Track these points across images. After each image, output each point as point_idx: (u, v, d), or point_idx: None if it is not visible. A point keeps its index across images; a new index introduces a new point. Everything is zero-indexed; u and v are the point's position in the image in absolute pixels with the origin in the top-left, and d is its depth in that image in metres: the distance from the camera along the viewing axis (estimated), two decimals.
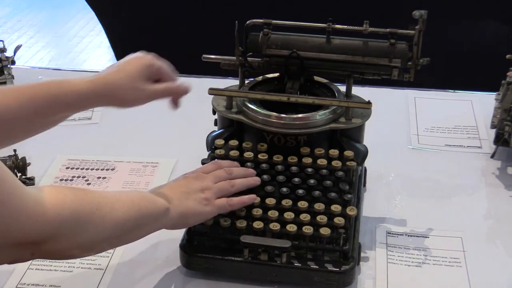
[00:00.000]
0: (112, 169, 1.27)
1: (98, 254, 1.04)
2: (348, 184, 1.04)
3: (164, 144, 1.36)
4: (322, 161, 1.05)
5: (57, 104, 0.92)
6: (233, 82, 1.17)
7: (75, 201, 0.79)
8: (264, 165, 1.05)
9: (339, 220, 0.98)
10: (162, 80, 1.01)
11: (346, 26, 1.11)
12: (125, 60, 0.98)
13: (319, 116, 1.06)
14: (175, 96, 1.03)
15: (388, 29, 1.10)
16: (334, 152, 1.06)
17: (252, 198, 1.00)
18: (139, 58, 0.98)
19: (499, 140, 1.25)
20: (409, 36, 1.08)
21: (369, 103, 1.07)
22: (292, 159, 1.05)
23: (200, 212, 0.96)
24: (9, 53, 1.48)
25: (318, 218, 0.98)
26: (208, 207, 0.96)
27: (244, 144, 1.08)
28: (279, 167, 1.05)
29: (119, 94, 0.96)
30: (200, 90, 1.12)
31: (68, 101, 0.93)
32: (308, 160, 1.05)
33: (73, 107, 0.95)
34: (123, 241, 0.90)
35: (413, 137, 1.38)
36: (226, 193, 0.99)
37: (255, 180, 1.02)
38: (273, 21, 1.14)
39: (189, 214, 0.95)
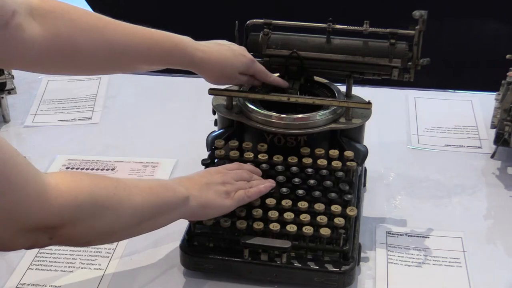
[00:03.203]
0: (112, 169, 1.27)
1: (98, 254, 1.05)
2: (348, 184, 1.04)
3: (164, 144, 1.36)
4: (322, 162, 1.05)
5: (169, 59, 1.03)
6: None
7: (91, 185, 0.79)
8: (264, 165, 1.05)
9: (339, 221, 0.98)
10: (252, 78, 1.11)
11: (346, 26, 1.11)
12: (233, 50, 1.08)
13: (319, 116, 1.06)
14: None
15: (388, 29, 1.10)
16: (334, 152, 1.06)
17: (268, 186, 1.00)
18: (244, 57, 1.09)
19: (499, 140, 1.25)
20: (409, 36, 1.08)
21: (369, 103, 1.07)
22: (292, 159, 1.05)
23: (220, 204, 0.95)
24: None
25: (318, 218, 0.98)
26: (228, 200, 0.96)
27: (244, 145, 1.08)
28: (279, 167, 1.05)
29: (217, 75, 1.07)
30: (200, 90, 1.12)
31: (180, 61, 1.04)
32: (308, 161, 1.05)
33: (179, 65, 1.05)
34: (142, 230, 0.89)
35: (413, 137, 1.38)
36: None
37: (267, 187, 1.01)
38: (273, 21, 1.14)
39: (208, 205, 0.95)
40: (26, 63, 0.95)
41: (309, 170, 1.04)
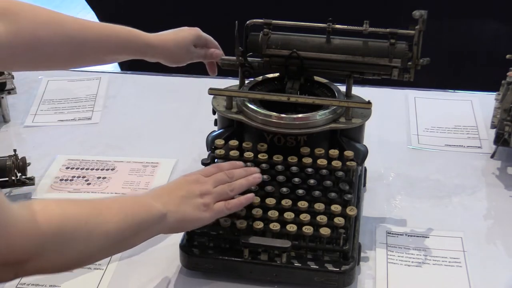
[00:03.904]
0: (112, 169, 1.27)
1: None
2: (348, 184, 1.04)
3: (164, 144, 1.36)
4: (322, 161, 1.05)
5: (128, 46, 1.09)
6: (233, 82, 1.18)
7: (61, 217, 0.77)
8: (264, 165, 1.05)
9: (339, 220, 0.98)
10: (207, 47, 1.19)
11: (346, 26, 1.11)
12: (179, 29, 1.17)
13: (319, 116, 1.06)
14: (212, 60, 1.20)
15: (388, 29, 1.10)
16: (334, 152, 1.06)
17: (249, 197, 0.98)
18: (191, 29, 1.17)
19: (499, 140, 1.25)
20: (409, 36, 1.08)
21: (369, 103, 1.07)
22: (292, 159, 1.05)
23: (198, 218, 0.94)
24: None
25: (318, 218, 0.98)
26: (207, 212, 0.95)
27: (244, 144, 1.08)
28: (279, 167, 1.05)
29: (174, 52, 1.14)
30: (200, 90, 1.11)
31: (138, 48, 1.10)
32: (308, 160, 1.05)
33: (139, 54, 1.12)
34: (120, 249, 0.89)
35: (413, 137, 1.38)
36: (226, 197, 0.97)
37: (255, 178, 1.00)
38: (273, 21, 1.14)
39: (186, 220, 0.94)
40: None
41: (309, 169, 1.04)
